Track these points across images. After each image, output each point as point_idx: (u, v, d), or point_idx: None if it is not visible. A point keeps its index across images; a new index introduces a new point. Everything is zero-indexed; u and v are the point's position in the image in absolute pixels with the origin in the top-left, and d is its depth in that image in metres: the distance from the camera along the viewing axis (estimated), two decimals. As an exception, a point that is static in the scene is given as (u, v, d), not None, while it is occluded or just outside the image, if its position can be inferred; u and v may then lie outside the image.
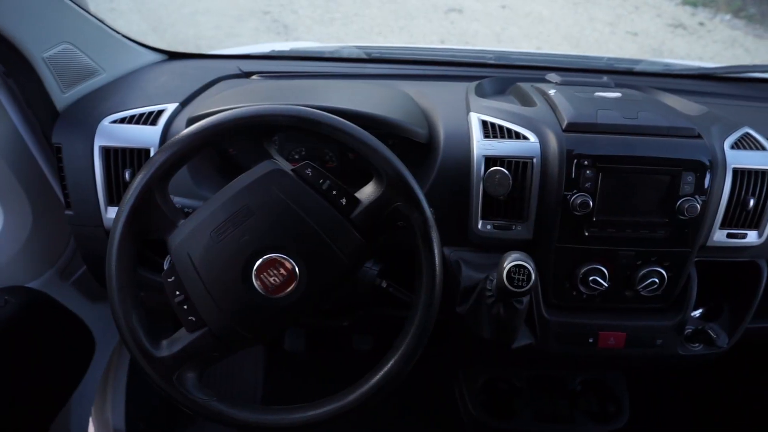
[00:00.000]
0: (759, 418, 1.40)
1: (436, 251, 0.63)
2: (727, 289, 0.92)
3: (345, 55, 1.24)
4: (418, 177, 0.86)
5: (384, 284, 0.83)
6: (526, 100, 0.92)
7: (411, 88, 1.00)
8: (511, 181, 0.76)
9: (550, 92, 0.89)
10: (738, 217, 0.82)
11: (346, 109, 0.79)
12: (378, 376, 0.64)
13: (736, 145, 0.82)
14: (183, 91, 0.98)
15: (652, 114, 0.82)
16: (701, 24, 4.69)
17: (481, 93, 0.97)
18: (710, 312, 0.92)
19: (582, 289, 0.82)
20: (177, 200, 0.78)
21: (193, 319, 0.64)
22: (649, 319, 0.86)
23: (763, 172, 0.80)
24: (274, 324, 0.68)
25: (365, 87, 1.00)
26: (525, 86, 0.97)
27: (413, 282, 0.67)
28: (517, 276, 0.66)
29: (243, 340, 0.67)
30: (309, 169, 0.64)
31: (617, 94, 0.89)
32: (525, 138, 0.80)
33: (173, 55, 1.18)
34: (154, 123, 0.88)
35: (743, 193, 0.80)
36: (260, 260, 0.62)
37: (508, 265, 0.66)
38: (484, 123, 0.82)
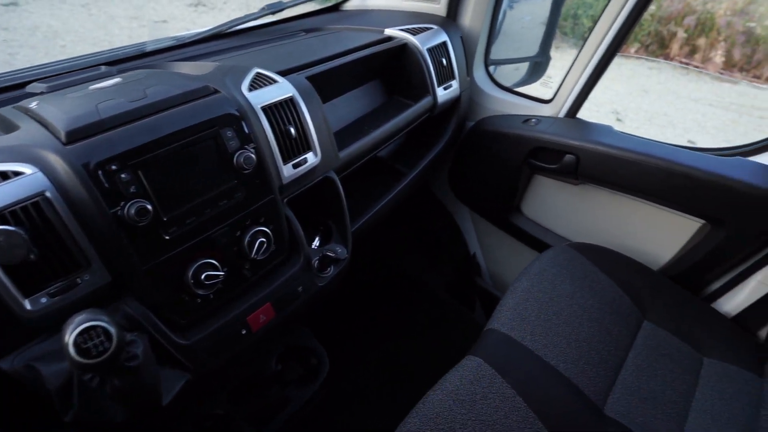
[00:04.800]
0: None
1: None
2: (324, 210, 1.00)
3: None
4: None
5: None
6: (7, 127, 0.69)
7: None
8: (26, 235, 0.56)
9: (31, 106, 0.69)
10: (292, 147, 0.86)
11: None
12: None
13: (252, 87, 0.84)
14: None
15: (162, 87, 0.74)
16: (216, -3, 5.06)
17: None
18: (324, 236, 0.99)
19: (201, 291, 0.73)
20: None
21: None
22: (280, 275, 0.85)
23: (286, 101, 0.86)
24: None
25: None
26: (3, 111, 0.73)
27: None
28: (92, 343, 0.49)
29: None
30: None
31: (117, 80, 0.78)
32: (18, 174, 0.59)
33: None
34: None
35: (282, 125, 0.84)
36: None
37: (70, 338, 0.49)
38: (-53, 181, 0.57)
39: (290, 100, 0.87)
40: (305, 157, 0.88)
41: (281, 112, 0.85)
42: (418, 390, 0.87)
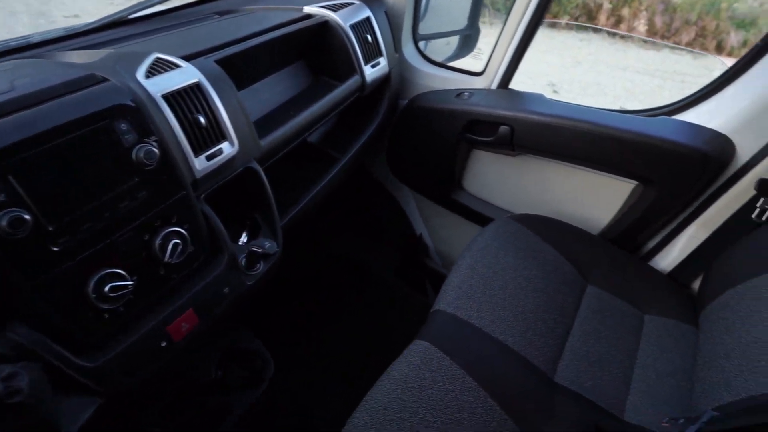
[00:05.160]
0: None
1: None
2: (250, 203, 0.93)
3: None
4: None
5: None
6: None
7: None
8: None
9: None
10: (203, 138, 0.78)
11: None
12: None
13: (150, 73, 0.75)
14: None
15: (35, 78, 0.65)
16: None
17: None
18: (252, 231, 0.92)
19: (107, 305, 0.65)
20: None
21: None
22: (202, 277, 0.78)
23: (191, 87, 0.78)
24: None
25: None
26: None
27: None
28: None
29: None
30: None
31: (-20, 72, 0.67)
32: None
33: None
34: None
35: (189, 114, 0.76)
36: None
37: None
38: None
39: (196, 86, 0.78)
40: (220, 148, 0.80)
41: (187, 99, 0.76)
42: (371, 379, 0.83)
